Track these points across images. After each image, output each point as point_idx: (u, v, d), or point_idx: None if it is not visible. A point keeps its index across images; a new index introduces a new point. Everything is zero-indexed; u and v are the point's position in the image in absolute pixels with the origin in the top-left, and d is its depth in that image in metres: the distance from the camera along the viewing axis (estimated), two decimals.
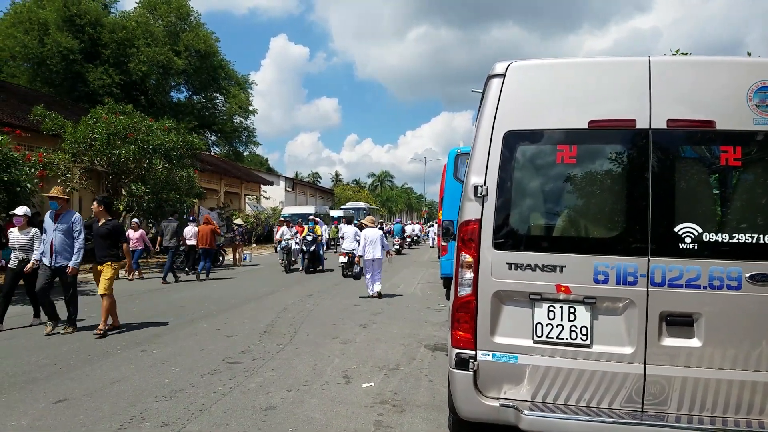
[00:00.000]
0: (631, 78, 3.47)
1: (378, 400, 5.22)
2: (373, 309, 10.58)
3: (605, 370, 3.38)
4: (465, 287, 3.59)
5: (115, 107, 19.15)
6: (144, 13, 36.46)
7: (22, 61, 33.27)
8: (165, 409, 4.91)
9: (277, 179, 51.00)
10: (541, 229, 3.65)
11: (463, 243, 3.61)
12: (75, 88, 33.94)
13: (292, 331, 8.33)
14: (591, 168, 3.56)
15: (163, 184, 18.56)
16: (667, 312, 3.31)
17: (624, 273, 3.36)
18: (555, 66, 3.72)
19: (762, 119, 3.26)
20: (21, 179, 12.83)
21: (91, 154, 17.52)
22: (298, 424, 4.61)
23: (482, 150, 3.58)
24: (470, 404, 3.57)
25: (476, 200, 3.56)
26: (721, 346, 3.25)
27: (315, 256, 18.14)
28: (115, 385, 5.59)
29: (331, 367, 6.32)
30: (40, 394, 5.29)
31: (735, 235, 3.25)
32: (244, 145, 46.63)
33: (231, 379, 5.77)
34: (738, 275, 3.22)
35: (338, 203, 61.37)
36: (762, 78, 3.29)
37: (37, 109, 17.39)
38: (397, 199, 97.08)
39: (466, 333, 3.59)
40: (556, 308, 3.48)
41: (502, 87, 3.60)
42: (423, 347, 7.41)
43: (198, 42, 36.99)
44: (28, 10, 32.45)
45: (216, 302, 11.20)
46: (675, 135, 3.38)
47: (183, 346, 7.32)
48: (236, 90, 42.18)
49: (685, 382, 3.28)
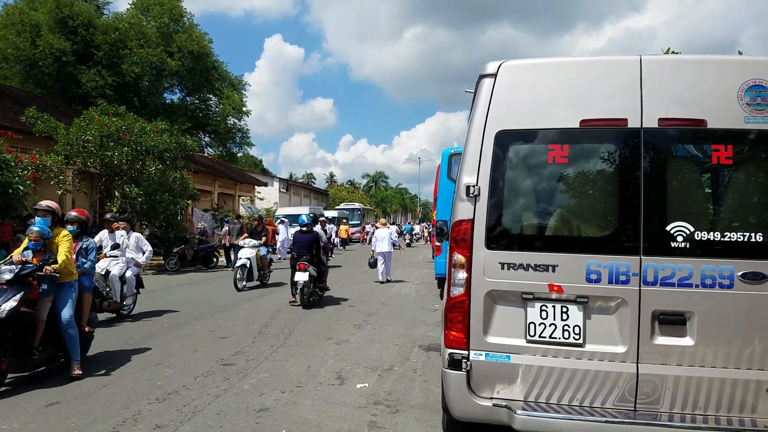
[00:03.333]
0: (623, 77, 3.47)
1: (372, 401, 5.21)
2: (368, 309, 10.58)
3: (598, 369, 3.38)
4: (458, 287, 3.59)
5: (108, 109, 19.06)
6: (137, 15, 36.28)
7: (15, 62, 33.03)
8: (158, 411, 4.89)
9: (271, 180, 50.91)
10: (534, 228, 3.66)
11: (456, 243, 3.60)
12: (68, 89, 33.73)
13: (286, 332, 8.31)
14: (583, 167, 3.56)
15: (156, 185, 18.47)
16: (660, 311, 3.32)
17: (616, 272, 3.36)
18: (546, 65, 3.72)
19: (753, 117, 3.27)
20: (13, 181, 12.77)
21: (84, 156, 17.42)
22: (292, 426, 4.60)
23: (474, 150, 3.58)
24: (463, 404, 3.57)
25: (468, 200, 3.56)
26: (714, 345, 3.26)
27: None
28: (108, 387, 5.56)
29: (325, 368, 6.30)
30: (31, 397, 5.25)
31: (727, 234, 3.26)
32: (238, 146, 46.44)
33: (224, 381, 5.75)
34: (730, 274, 3.23)
35: (333, 204, 61.34)
36: (753, 76, 3.30)
37: (29, 111, 17.28)
38: (392, 200, 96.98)
39: (459, 333, 3.58)
40: (549, 308, 3.48)
41: (493, 87, 3.60)
42: (417, 347, 7.40)
43: (191, 43, 36.84)
44: (20, 12, 32.23)
45: (210, 303, 11.16)
46: (666, 134, 3.38)
47: (176, 347, 7.29)
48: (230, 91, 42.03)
49: (678, 381, 3.28)
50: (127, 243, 9.74)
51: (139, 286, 10.06)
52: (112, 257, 9.33)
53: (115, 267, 9.25)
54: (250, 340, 7.75)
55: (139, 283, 10.05)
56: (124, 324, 8.85)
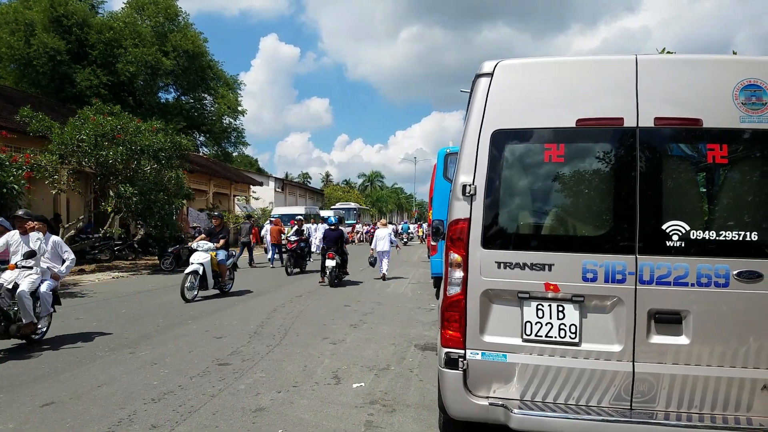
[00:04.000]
0: (619, 76, 3.48)
1: (368, 401, 5.21)
2: (364, 309, 10.58)
3: (594, 368, 3.39)
4: (454, 286, 3.59)
5: (103, 108, 19.00)
6: (132, 14, 36.20)
7: (9, 62, 32.94)
8: (154, 411, 4.87)
9: (266, 180, 50.87)
10: (530, 227, 3.66)
11: (452, 242, 3.60)
12: (62, 88, 33.63)
13: (282, 331, 8.30)
14: (579, 166, 3.57)
15: (151, 185, 18.42)
16: (656, 310, 3.33)
17: (612, 271, 3.37)
18: (543, 65, 3.72)
19: (748, 117, 3.28)
20: (8, 181, 12.72)
21: (78, 155, 17.36)
22: (288, 426, 4.59)
23: (471, 149, 3.58)
24: (460, 403, 3.57)
25: (465, 199, 3.56)
26: (709, 343, 3.27)
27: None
28: (103, 387, 5.54)
29: (322, 368, 6.30)
30: (26, 398, 5.23)
31: (722, 233, 3.27)
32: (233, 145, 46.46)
33: (220, 381, 5.74)
34: (726, 272, 3.24)
35: (328, 204, 61.30)
36: (748, 76, 3.31)
37: (23, 111, 17.21)
38: (387, 199, 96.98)
39: (456, 332, 3.59)
40: (545, 307, 3.49)
41: (489, 86, 3.60)
42: (413, 347, 7.40)
43: (186, 42, 36.78)
44: (14, 11, 32.14)
45: (205, 303, 11.14)
46: (662, 133, 3.39)
47: (172, 347, 7.27)
48: (225, 90, 42.01)
49: (674, 380, 3.29)
50: (45, 249, 7.57)
51: (56, 303, 7.86)
52: (24, 268, 7.22)
53: (25, 280, 7.08)
54: (245, 339, 7.73)
55: (56, 299, 7.83)
56: (118, 323, 8.82)
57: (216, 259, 12.06)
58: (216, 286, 12.15)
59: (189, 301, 11.11)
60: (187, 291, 11.19)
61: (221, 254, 12.33)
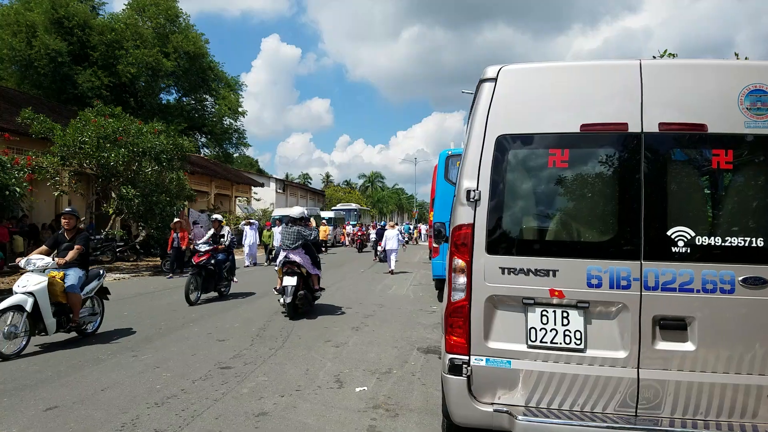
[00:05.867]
0: (623, 81, 3.47)
1: (371, 405, 5.20)
2: (365, 311, 10.57)
3: (599, 374, 3.37)
4: (458, 292, 3.58)
5: (104, 110, 19.03)
6: (132, 15, 36.28)
7: (10, 63, 33.02)
8: (157, 415, 4.87)
9: (267, 181, 50.90)
10: (534, 233, 3.64)
11: (456, 248, 3.59)
12: (64, 90, 33.70)
13: (284, 334, 8.30)
14: (583, 172, 3.56)
15: (153, 186, 18.45)
16: (661, 316, 3.31)
17: (617, 277, 3.36)
18: (546, 70, 3.72)
19: (753, 122, 3.27)
20: (10, 183, 12.73)
21: (80, 157, 17.38)
22: (291, 430, 4.59)
23: (474, 154, 3.58)
24: (464, 409, 3.56)
25: (469, 204, 3.55)
26: (715, 350, 3.26)
27: None
28: (107, 391, 5.54)
29: (324, 372, 6.29)
30: (30, 402, 5.22)
31: (727, 239, 3.26)
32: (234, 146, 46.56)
33: (223, 385, 5.73)
34: (731, 278, 3.23)
35: (329, 204, 61.31)
36: (753, 81, 3.30)
37: (25, 112, 17.22)
38: (388, 200, 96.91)
39: (460, 338, 3.58)
40: (550, 313, 3.48)
41: (494, 91, 3.59)
42: (415, 350, 7.40)
43: (187, 44, 36.86)
44: (15, 12, 32.20)
45: (207, 306, 11.14)
46: (667, 138, 3.38)
47: (174, 350, 7.27)
48: (226, 92, 42.11)
49: (679, 386, 3.28)
50: None
51: None
52: None
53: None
54: (248, 342, 7.73)
55: None
56: (122, 327, 8.81)
57: (61, 283, 7.36)
58: (62, 329, 7.52)
59: (193, 304, 11.03)
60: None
61: (71, 276, 7.53)
